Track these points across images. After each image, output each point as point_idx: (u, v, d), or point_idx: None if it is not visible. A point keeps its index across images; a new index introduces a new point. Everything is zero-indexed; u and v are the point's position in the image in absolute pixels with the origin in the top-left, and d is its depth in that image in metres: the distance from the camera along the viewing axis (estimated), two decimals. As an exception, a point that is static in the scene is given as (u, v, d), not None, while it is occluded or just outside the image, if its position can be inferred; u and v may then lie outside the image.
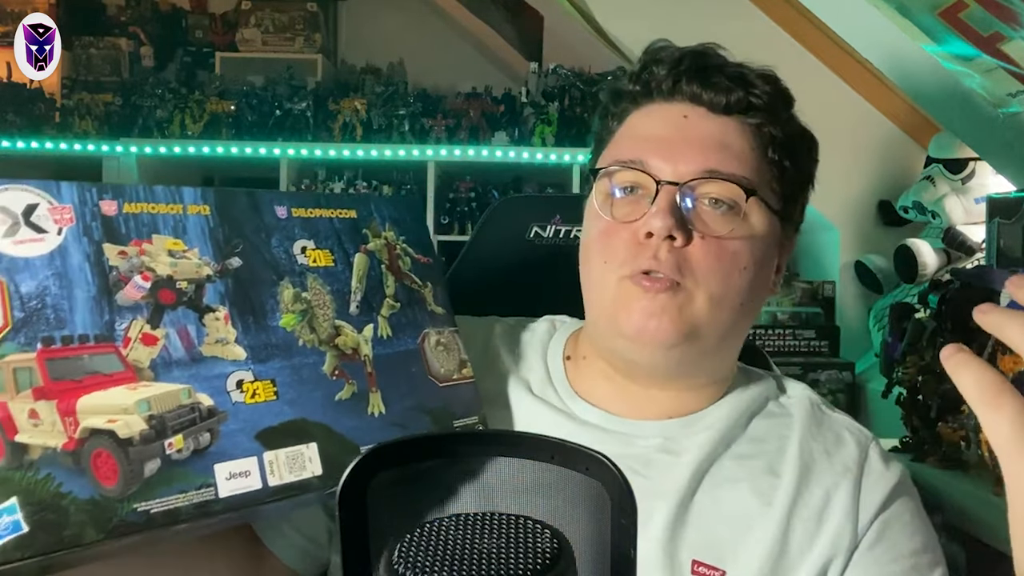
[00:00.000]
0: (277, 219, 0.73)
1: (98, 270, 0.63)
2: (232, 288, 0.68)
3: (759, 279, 0.78)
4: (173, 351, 0.64)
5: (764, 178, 0.77)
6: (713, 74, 0.77)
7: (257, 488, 0.65)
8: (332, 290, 0.74)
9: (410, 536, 0.41)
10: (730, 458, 0.78)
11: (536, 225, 1.04)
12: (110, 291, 0.63)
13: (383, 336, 0.75)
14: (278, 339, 0.69)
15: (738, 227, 0.75)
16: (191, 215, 0.68)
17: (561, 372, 0.84)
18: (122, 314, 0.63)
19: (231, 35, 3.45)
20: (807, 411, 0.82)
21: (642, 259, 0.74)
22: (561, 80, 2.95)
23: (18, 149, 2.97)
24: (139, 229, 0.66)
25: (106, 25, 3.49)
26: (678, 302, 0.73)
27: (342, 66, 3.60)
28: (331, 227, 0.76)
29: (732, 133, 0.77)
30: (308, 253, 0.73)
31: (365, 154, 2.93)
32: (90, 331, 0.62)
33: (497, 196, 3.07)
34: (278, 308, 0.70)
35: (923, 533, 0.77)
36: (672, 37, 0.81)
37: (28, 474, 0.57)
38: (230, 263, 0.69)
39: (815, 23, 2.20)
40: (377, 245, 0.78)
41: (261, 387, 0.67)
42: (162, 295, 0.65)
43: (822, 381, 2.28)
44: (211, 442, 0.64)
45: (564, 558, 0.40)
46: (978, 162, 2.19)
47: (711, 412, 0.81)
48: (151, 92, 3.05)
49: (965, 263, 2.19)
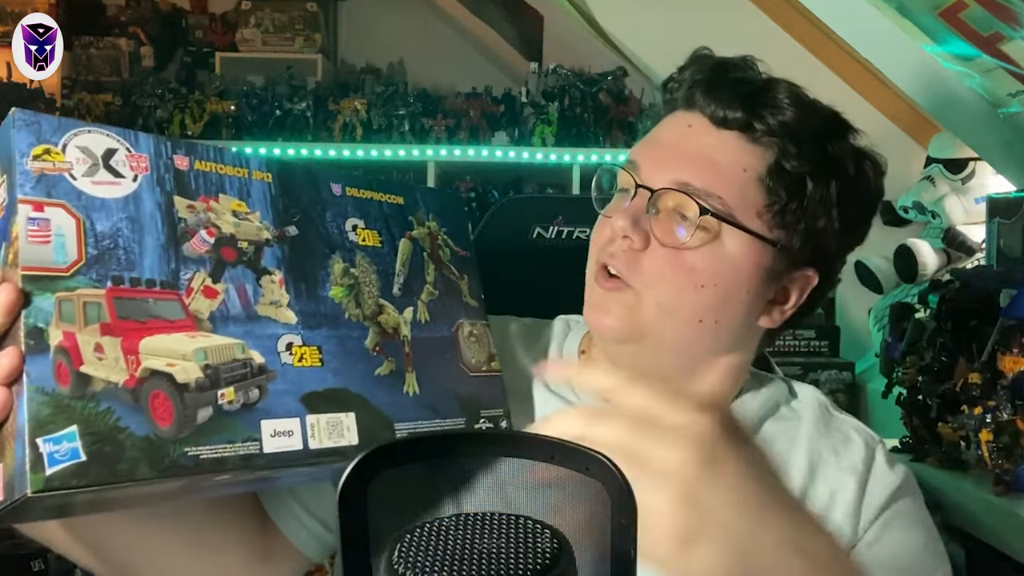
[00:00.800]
0: (332, 195, 0.76)
1: (168, 220, 0.66)
2: (288, 254, 0.71)
3: (732, 302, 0.76)
4: (231, 306, 0.67)
5: (748, 201, 0.75)
6: (723, 88, 0.76)
7: (298, 448, 0.67)
8: (378, 270, 0.76)
9: (410, 536, 0.41)
10: None
11: (538, 226, 1.04)
12: (177, 241, 0.66)
13: (421, 320, 0.78)
14: (327, 309, 0.72)
15: (706, 244, 0.74)
16: (255, 180, 0.71)
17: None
18: (187, 264, 0.66)
19: (231, 35, 3.45)
20: (815, 411, 0.83)
21: (604, 252, 0.78)
22: (561, 80, 2.94)
23: (18, 149, 2.96)
24: (207, 187, 0.69)
25: (106, 25, 3.49)
26: (625, 302, 0.76)
27: (342, 66, 3.60)
28: (380, 210, 0.79)
29: (727, 149, 0.76)
30: (358, 232, 0.76)
31: (365, 154, 2.93)
32: (157, 276, 0.64)
33: (497, 196, 3.07)
34: (328, 279, 0.73)
35: (924, 534, 0.77)
36: (671, 37, 0.82)
37: (90, 405, 0.58)
38: (288, 230, 0.72)
39: (815, 23, 2.19)
40: (421, 233, 0.81)
41: (308, 352, 0.70)
42: (224, 252, 0.68)
43: (822, 381, 2.28)
44: (259, 398, 0.66)
45: (564, 558, 0.40)
46: (978, 162, 2.19)
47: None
48: (151, 92, 3.05)
49: (965, 263, 2.19)
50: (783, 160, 0.75)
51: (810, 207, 0.76)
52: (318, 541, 0.84)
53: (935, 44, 1.54)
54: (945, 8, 1.47)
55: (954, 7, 1.46)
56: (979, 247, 2.17)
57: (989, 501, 1.20)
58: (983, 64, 1.51)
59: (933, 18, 1.50)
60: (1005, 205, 1.64)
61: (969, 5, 1.44)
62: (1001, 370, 1.26)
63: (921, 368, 1.42)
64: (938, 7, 1.48)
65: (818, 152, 0.76)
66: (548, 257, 0.85)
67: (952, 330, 1.39)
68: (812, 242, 0.77)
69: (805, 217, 0.76)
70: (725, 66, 0.78)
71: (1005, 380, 1.23)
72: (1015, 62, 1.46)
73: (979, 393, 1.25)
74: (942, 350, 1.39)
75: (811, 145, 0.76)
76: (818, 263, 0.79)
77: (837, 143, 0.77)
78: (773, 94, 0.76)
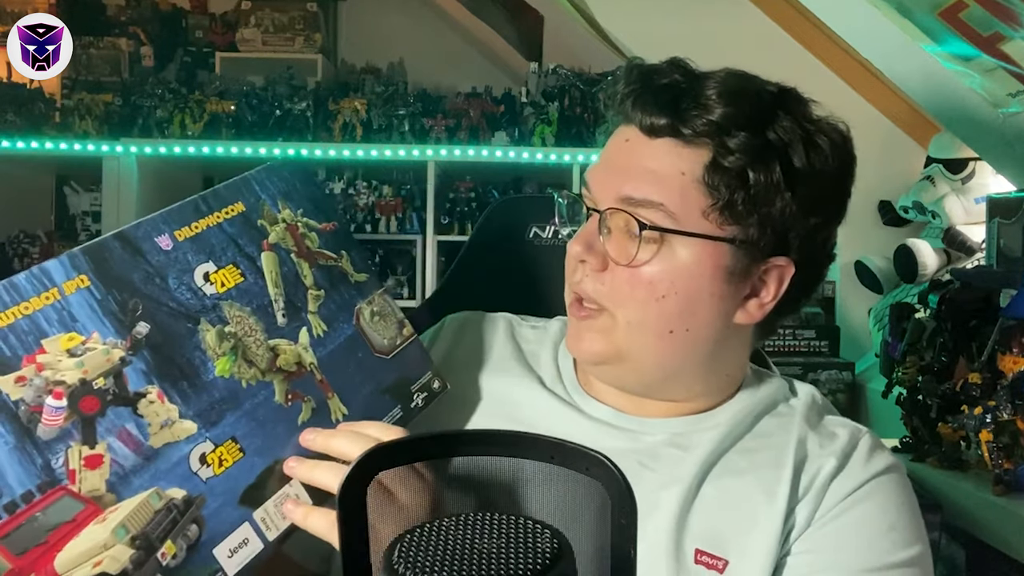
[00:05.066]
0: (164, 253, 0.64)
1: (4, 414, 0.55)
2: (152, 360, 0.61)
3: (698, 307, 0.75)
4: (123, 460, 0.59)
5: (691, 204, 0.73)
6: (644, 95, 0.75)
7: (260, 548, 0.63)
8: (253, 309, 0.67)
9: (410, 536, 0.41)
10: (736, 452, 0.79)
11: (535, 225, 1.04)
12: (28, 430, 0.56)
13: (318, 335, 0.70)
14: (221, 392, 0.64)
15: (655, 257, 0.74)
16: (71, 295, 0.59)
17: (571, 370, 0.86)
18: (52, 449, 0.56)
19: (231, 35, 3.45)
20: (808, 407, 0.83)
21: (572, 280, 0.79)
22: (561, 80, 2.94)
23: (18, 149, 2.96)
24: (24, 342, 0.57)
25: (106, 25, 3.49)
26: (599, 327, 0.77)
27: (342, 66, 3.60)
28: (223, 235, 0.68)
29: (660, 157, 0.74)
30: (212, 278, 0.66)
31: (365, 154, 2.93)
32: (30, 485, 0.55)
33: (497, 196, 3.07)
34: (207, 358, 0.64)
35: (894, 516, 0.76)
36: (671, 37, 0.82)
37: None
38: (137, 332, 0.61)
39: (815, 23, 2.20)
40: (278, 233, 0.71)
41: (225, 451, 0.63)
42: (84, 405, 0.58)
43: (822, 381, 2.28)
44: (200, 532, 0.60)
45: (564, 558, 0.40)
46: (978, 162, 2.19)
47: (720, 411, 0.81)
48: (151, 92, 3.04)
49: (965, 263, 2.19)
50: (719, 158, 0.73)
51: (757, 197, 0.73)
52: (313, 551, 0.84)
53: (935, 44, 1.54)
54: (945, 8, 1.47)
55: (954, 7, 1.46)
56: (979, 247, 2.17)
57: (989, 501, 1.20)
58: (983, 64, 1.51)
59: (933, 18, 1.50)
60: (1005, 205, 1.64)
61: (969, 5, 1.44)
62: (1001, 370, 1.26)
63: (921, 368, 1.42)
64: (938, 7, 1.48)
65: (754, 141, 0.73)
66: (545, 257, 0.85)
67: (952, 330, 1.39)
68: (772, 230, 0.75)
69: (755, 208, 0.73)
70: (651, 73, 0.76)
71: (1005, 380, 1.23)
72: (1015, 62, 1.46)
73: (979, 393, 1.25)
74: (942, 350, 1.39)
75: (745, 136, 0.73)
76: (790, 249, 0.77)
77: (777, 127, 0.74)
78: (699, 93, 0.74)
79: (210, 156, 2.98)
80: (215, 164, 3.19)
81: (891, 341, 1.57)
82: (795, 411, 0.83)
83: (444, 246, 3.02)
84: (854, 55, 2.20)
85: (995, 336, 1.28)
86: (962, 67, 1.55)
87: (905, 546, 0.75)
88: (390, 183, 3.09)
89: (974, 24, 1.46)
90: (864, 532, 0.75)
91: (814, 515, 0.75)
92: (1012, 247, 1.59)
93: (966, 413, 1.25)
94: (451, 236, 3.00)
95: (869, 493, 0.76)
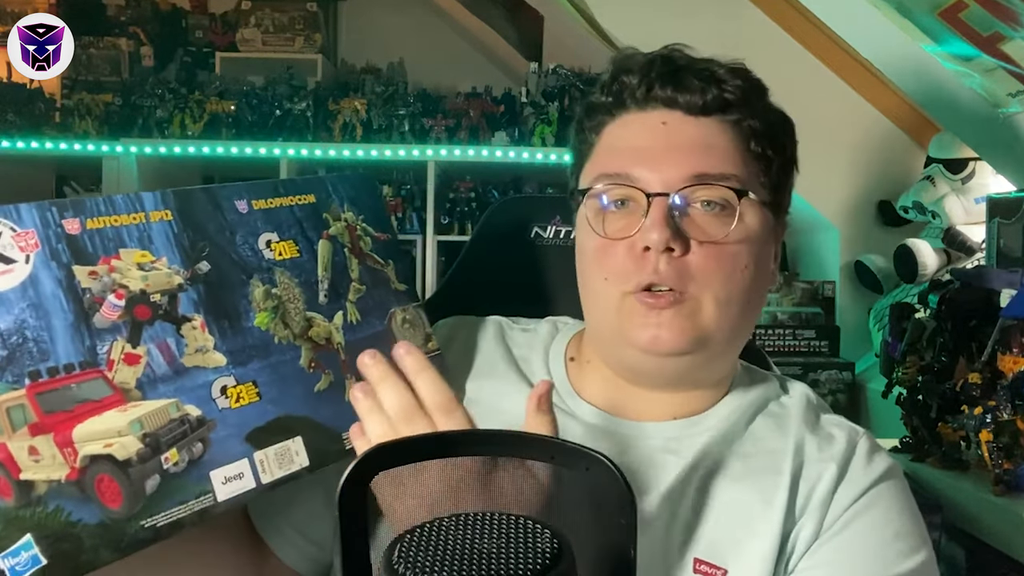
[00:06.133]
0: (239, 214, 0.73)
1: (71, 295, 0.62)
2: (204, 294, 0.69)
3: (760, 275, 0.78)
4: (156, 367, 0.65)
5: (752, 172, 0.77)
6: (684, 76, 0.76)
7: (251, 487, 0.67)
8: (300, 282, 0.74)
9: (410, 536, 0.41)
10: (732, 456, 0.78)
11: (536, 225, 1.03)
12: (87, 315, 0.63)
13: (352, 321, 0.77)
14: (255, 340, 0.70)
15: (735, 228, 0.75)
16: (154, 223, 0.68)
17: (563, 374, 0.84)
18: (102, 337, 0.63)
19: (231, 35, 3.45)
20: (804, 408, 0.82)
21: (644, 274, 0.74)
22: (561, 80, 2.94)
23: (18, 149, 2.96)
24: (105, 245, 0.65)
25: (106, 25, 3.49)
26: (685, 312, 0.74)
27: (342, 66, 3.60)
28: (292, 216, 0.76)
29: (714, 133, 0.76)
30: (273, 246, 0.74)
31: (365, 154, 2.93)
32: (74, 359, 0.62)
33: (497, 196, 3.07)
34: (251, 308, 0.71)
35: (898, 523, 0.76)
36: (671, 37, 0.81)
37: (38, 509, 0.58)
38: (199, 268, 0.69)
39: (815, 23, 2.19)
40: (338, 228, 0.78)
41: (244, 390, 0.69)
42: (138, 311, 0.65)
43: (822, 381, 2.28)
44: (204, 451, 0.65)
45: (564, 558, 0.40)
46: (978, 162, 2.19)
47: (713, 414, 0.81)
48: (151, 92, 3.04)
49: (965, 263, 2.19)
50: (757, 127, 0.77)
51: (789, 160, 0.80)
52: (311, 560, 0.84)
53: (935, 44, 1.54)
54: (945, 8, 1.47)
55: (954, 7, 1.46)
56: (979, 247, 2.17)
57: (989, 501, 1.20)
58: (983, 64, 1.51)
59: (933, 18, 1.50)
60: (1005, 205, 1.64)
61: (969, 5, 1.44)
62: (1001, 370, 1.26)
63: (921, 368, 1.42)
64: (938, 7, 1.48)
65: (771, 110, 0.80)
66: (546, 257, 0.84)
67: (952, 330, 1.39)
68: (787, 192, 0.81)
69: (789, 172, 0.81)
70: (671, 57, 0.79)
71: (1005, 380, 1.23)
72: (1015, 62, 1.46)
73: (979, 393, 1.25)
74: (942, 350, 1.39)
75: (764, 106, 0.79)
76: (786, 211, 0.83)
77: (767, 91, 0.81)
78: (714, 72, 0.77)
79: (210, 156, 2.98)
80: (215, 164, 3.19)
81: (891, 341, 1.57)
82: (790, 412, 0.82)
83: (444, 246, 3.02)
84: (854, 55, 2.20)
85: (995, 336, 1.28)
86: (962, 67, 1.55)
87: (912, 553, 0.75)
88: (390, 183, 3.09)
89: (974, 24, 1.46)
90: (872, 543, 0.74)
91: (820, 527, 0.75)
92: (1012, 247, 1.59)
93: (966, 413, 1.25)
94: (451, 236, 3.00)
95: (873, 501, 0.76)
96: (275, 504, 0.82)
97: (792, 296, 2.48)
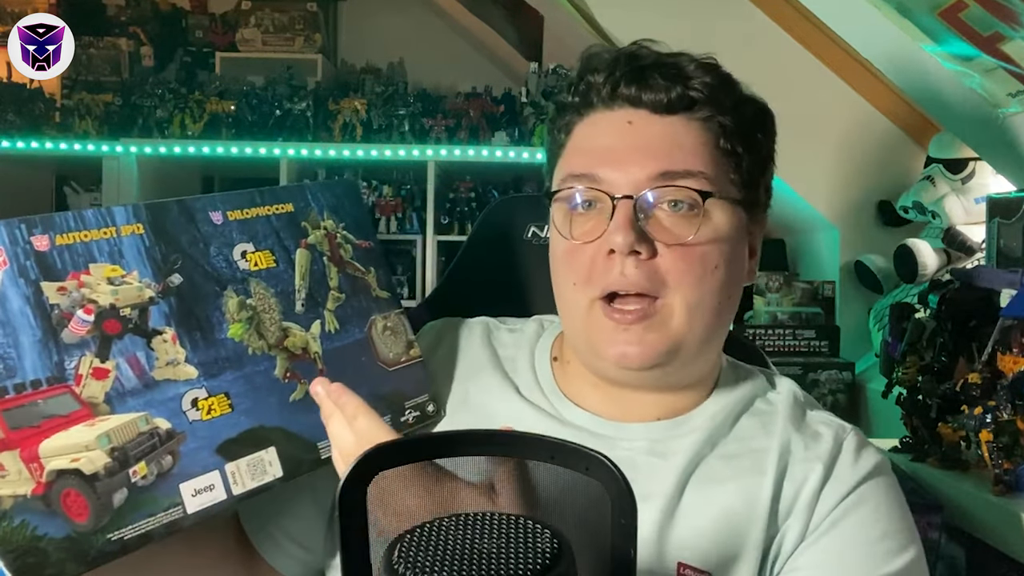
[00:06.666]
0: (214, 226, 0.72)
1: (39, 311, 0.63)
2: (176, 307, 0.68)
3: (733, 274, 0.77)
4: (125, 381, 0.65)
5: (721, 170, 0.75)
6: (649, 74, 0.75)
7: (223, 499, 0.67)
8: (276, 292, 0.74)
9: (410, 536, 0.41)
10: (716, 458, 0.77)
11: (533, 225, 1.03)
12: (55, 330, 0.63)
13: (330, 331, 0.76)
14: (228, 351, 0.70)
15: (702, 228, 0.73)
16: (125, 236, 0.68)
17: (548, 374, 0.84)
18: (70, 352, 0.63)
19: (231, 35, 3.45)
20: (790, 406, 0.81)
21: (610, 277, 0.73)
22: (561, 80, 2.94)
23: (18, 149, 2.96)
24: (75, 260, 0.65)
25: (106, 25, 3.49)
26: (655, 323, 0.73)
27: (342, 66, 3.60)
28: (269, 225, 0.75)
29: (680, 131, 0.75)
30: (249, 257, 0.73)
31: (365, 154, 2.93)
32: (41, 375, 0.62)
33: (497, 196, 3.07)
34: (224, 319, 0.70)
35: (886, 521, 0.75)
36: (671, 37, 0.81)
37: (3, 524, 0.58)
38: (171, 281, 0.69)
39: (815, 23, 2.19)
40: (317, 237, 0.78)
41: (216, 402, 0.69)
42: (107, 326, 0.65)
43: (822, 381, 2.28)
44: (173, 464, 0.65)
45: (564, 558, 0.40)
46: (978, 162, 2.19)
47: (698, 413, 0.80)
48: (151, 92, 3.05)
49: (965, 263, 2.19)
50: (732, 124, 0.76)
51: (763, 157, 0.79)
52: (304, 566, 0.84)
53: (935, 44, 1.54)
54: (945, 8, 1.47)
55: (954, 7, 1.46)
56: (979, 247, 2.17)
57: (989, 501, 1.20)
58: (983, 64, 1.51)
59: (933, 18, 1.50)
60: (1005, 205, 1.64)
61: (969, 5, 1.44)
62: (1001, 370, 1.26)
63: (921, 368, 1.42)
64: (938, 7, 1.48)
65: (743, 106, 0.78)
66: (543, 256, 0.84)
67: (952, 330, 1.39)
68: (764, 188, 0.80)
69: (763, 168, 0.79)
70: (637, 55, 0.77)
71: (1005, 380, 1.23)
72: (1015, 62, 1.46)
73: (979, 393, 1.25)
74: (942, 350, 1.39)
75: (736, 102, 0.77)
76: (765, 207, 0.82)
77: (738, 85, 0.79)
78: (683, 68, 0.76)
79: (210, 156, 2.99)
80: (215, 164, 3.19)
81: (891, 341, 1.56)
82: (776, 409, 0.81)
83: (444, 246, 3.02)
84: (854, 55, 2.20)
85: (995, 336, 1.28)
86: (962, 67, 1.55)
87: (900, 552, 0.74)
88: (390, 183, 3.09)
89: (974, 24, 1.46)
90: (859, 543, 0.74)
91: (807, 528, 0.74)
92: (1012, 247, 1.59)
93: (966, 413, 1.25)
94: (451, 236, 3.00)
95: (860, 499, 0.75)
96: (265, 510, 0.82)
97: (792, 296, 2.48)
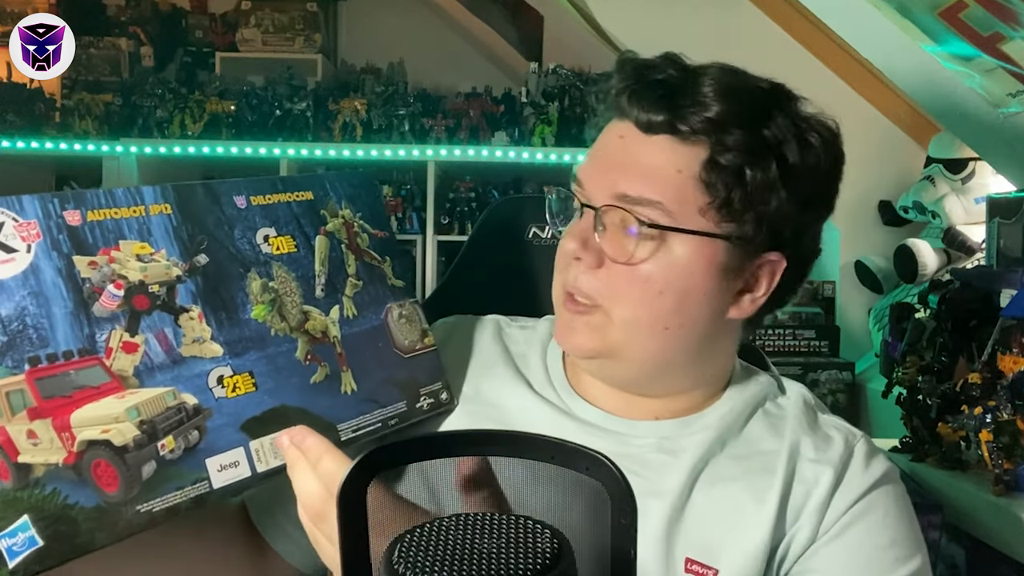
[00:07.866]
0: (237, 209, 0.74)
1: (71, 284, 0.64)
2: (202, 286, 0.70)
3: (692, 304, 0.75)
4: (154, 356, 0.67)
5: (689, 202, 0.73)
6: (645, 93, 0.74)
7: (247, 476, 0.69)
8: (297, 276, 0.76)
9: (410, 536, 0.41)
10: (726, 457, 0.78)
11: (535, 225, 1.04)
12: (86, 304, 0.64)
13: (349, 316, 0.78)
14: (251, 331, 0.72)
15: (656, 254, 0.73)
16: (153, 215, 0.69)
17: (560, 371, 0.85)
18: (101, 325, 0.65)
19: (231, 35, 3.45)
20: (800, 409, 0.82)
21: (567, 276, 0.78)
22: (561, 80, 2.94)
23: (18, 149, 2.96)
24: (105, 236, 0.67)
25: (106, 25, 3.49)
26: (593, 323, 0.76)
27: (342, 66, 3.60)
28: (290, 212, 0.77)
29: (658, 153, 0.74)
30: (271, 241, 0.75)
31: (365, 154, 2.93)
32: (73, 346, 0.63)
33: (497, 196, 3.07)
34: (248, 300, 0.72)
35: (894, 529, 0.76)
36: (671, 37, 0.81)
37: (35, 491, 0.60)
38: (197, 260, 0.71)
39: (815, 23, 2.19)
40: (336, 225, 0.80)
41: (240, 380, 0.70)
42: (137, 301, 0.67)
43: (822, 381, 2.28)
44: (200, 439, 0.67)
45: (564, 558, 0.40)
46: (978, 162, 2.19)
47: (708, 413, 0.81)
48: (151, 92, 3.04)
49: (965, 263, 2.19)
50: (716, 155, 0.73)
51: (754, 194, 0.73)
52: (311, 556, 0.84)
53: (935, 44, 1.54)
54: (945, 8, 1.47)
55: (954, 7, 1.46)
56: (979, 247, 2.17)
57: (989, 501, 1.20)
58: (983, 64, 1.51)
59: (933, 18, 1.50)
60: (1005, 205, 1.64)
61: (969, 5, 1.44)
62: (1001, 370, 1.26)
63: (921, 368, 1.42)
64: (938, 7, 1.48)
65: (751, 139, 0.73)
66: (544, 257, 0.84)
67: (952, 330, 1.39)
68: (768, 227, 0.75)
69: (752, 205, 0.73)
70: (645, 68, 0.76)
71: (1005, 380, 1.23)
72: (1015, 62, 1.46)
73: (979, 393, 1.25)
74: (942, 350, 1.39)
75: (743, 134, 0.73)
76: (782, 245, 0.77)
77: (772, 124, 0.74)
78: (696, 90, 0.73)
79: (210, 156, 2.98)
80: (215, 164, 3.19)
81: (891, 341, 1.57)
82: (786, 413, 0.82)
83: (444, 246, 3.02)
84: (854, 55, 2.20)
85: (995, 336, 1.28)
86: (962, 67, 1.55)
87: (907, 559, 0.75)
88: (390, 183, 3.09)
89: (974, 24, 1.46)
90: (867, 549, 0.74)
91: (816, 532, 0.75)
92: (1012, 247, 1.59)
93: (966, 413, 1.25)
94: (451, 236, 3.00)
95: (869, 506, 0.76)
96: (271, 496, 0.82)
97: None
